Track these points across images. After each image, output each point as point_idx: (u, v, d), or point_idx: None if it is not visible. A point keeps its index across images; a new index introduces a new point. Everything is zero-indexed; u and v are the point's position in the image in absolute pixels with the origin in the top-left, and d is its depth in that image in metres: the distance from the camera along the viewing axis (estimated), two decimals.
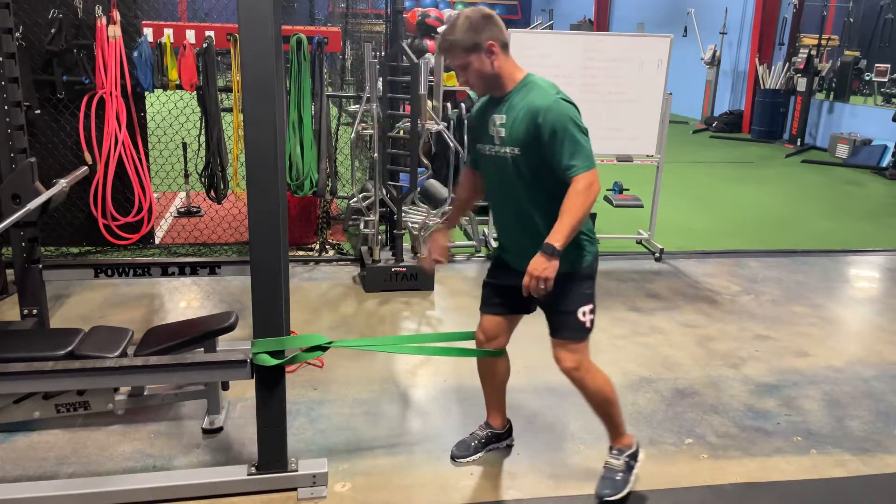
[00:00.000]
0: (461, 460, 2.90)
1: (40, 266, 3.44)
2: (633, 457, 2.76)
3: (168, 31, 4.82)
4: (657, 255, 5.67)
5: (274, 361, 2.50)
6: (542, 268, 2.30)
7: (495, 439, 3.00)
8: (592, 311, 2.56)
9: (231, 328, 2.99)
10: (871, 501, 2.83)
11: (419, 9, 9.68)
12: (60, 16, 4.79)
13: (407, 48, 4.84)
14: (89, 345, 2.73)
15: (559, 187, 2.37)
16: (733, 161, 10.58)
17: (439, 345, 3.17)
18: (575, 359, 2.57)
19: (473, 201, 2.91)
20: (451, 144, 5.28)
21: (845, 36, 12.46)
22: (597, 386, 2.64)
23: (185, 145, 6.05)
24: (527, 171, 2.45)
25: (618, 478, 2.69)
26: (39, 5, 4.79)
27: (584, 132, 2.37)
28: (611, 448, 2.77)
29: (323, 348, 2.65)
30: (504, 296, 2.70)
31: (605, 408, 2.69)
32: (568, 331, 2.55)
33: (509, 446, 3.05)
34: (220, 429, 3.07)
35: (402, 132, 5.12)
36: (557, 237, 2.30)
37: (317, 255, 5.40)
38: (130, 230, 5.05)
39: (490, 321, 2.75)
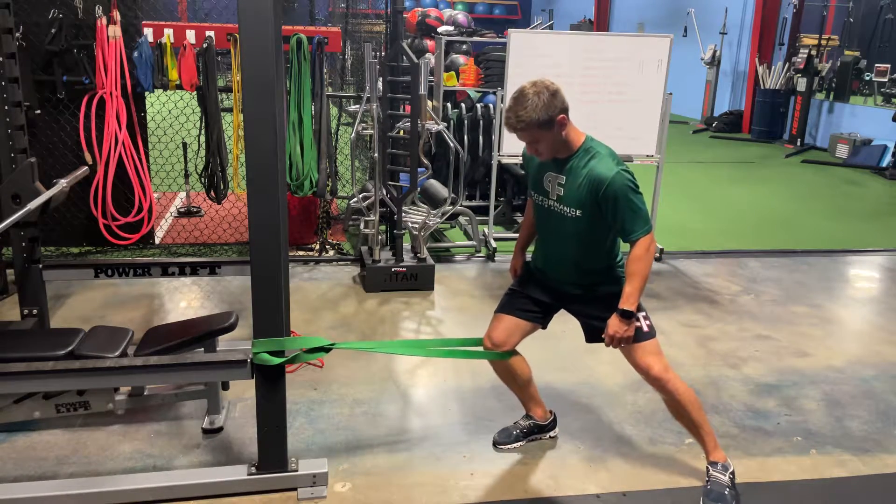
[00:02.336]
0: (502, 447, 3.02)
1: (40, 266, 3.44)
2: (734, 473, 2.78)
3: (168, 31, 4.82)
4: (657, 255, 5.67)
5: (274, 361, 2.50)
6: (623, 331, 2.56)
7: (538, 430, 3.08)
8: (646, 318, 2.67)
9: (231, 328, 2.99)
10: (871, 501, 2.84)
11: (419, 9, 9.68)
12: (60, 16, 4.79)
13: (407, 48, 4.84)
14: (89, 345, 2.73)
15: (608, 243, 2.65)
16: (733, 161, 10.58)
17: (446, 348, 3.23)
18: (661, 362, 2.67)
19: None
20: (451, 144, 5.28)
21: (845, 36, 12.46)
22: (687, 389, 2.72)
23: (185, 145, 6.05)
24: (584, 230, 2.62)
25: (726, 492, 2.70)
26: (39, 5, 4.79)
27: (640, 196, 2.53)
28: (714, 463, 2.77)
29: (326, 349, 2.65)
30: (534, 305, 2.82)
31: (698, 413, 2.74)
32: (636, 335, 2.63)
33: (553, 437, 3.10)
34: (220, 429, 3.07)
35: (402, 132, 5.12)
36: (630, 301, 2.53)
37: (317, 255, 5.40)
38: (130, 230, 5.05)
39: (507, 323, 2.81)
